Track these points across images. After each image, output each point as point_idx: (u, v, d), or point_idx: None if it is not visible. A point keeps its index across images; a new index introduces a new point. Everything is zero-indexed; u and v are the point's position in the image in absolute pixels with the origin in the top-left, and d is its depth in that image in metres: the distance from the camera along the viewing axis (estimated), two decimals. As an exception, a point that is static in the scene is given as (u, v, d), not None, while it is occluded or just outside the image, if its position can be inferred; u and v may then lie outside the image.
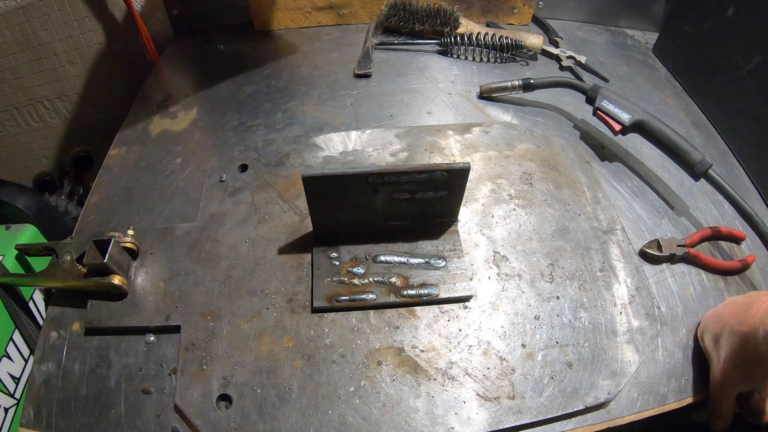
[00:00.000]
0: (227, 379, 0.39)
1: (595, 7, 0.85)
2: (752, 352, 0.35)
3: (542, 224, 0.50)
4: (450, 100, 0.66)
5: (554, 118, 0.65)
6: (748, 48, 0.61)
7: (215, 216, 0.50)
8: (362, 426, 0.37)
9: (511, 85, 0.65)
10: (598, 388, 0.39)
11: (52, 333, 0.43)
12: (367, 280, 0.44)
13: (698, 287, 0.48)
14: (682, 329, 0.44)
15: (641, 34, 0.86)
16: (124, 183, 0.55)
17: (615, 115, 0.56)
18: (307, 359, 0.40)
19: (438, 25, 0.75)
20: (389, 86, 0.68)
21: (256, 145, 0.57)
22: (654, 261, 0.49)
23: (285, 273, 0.46)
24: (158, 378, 0.40)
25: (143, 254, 0.46)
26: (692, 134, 0.65)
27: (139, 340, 0.42)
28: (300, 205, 0.51)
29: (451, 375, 0.40)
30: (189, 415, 0.37)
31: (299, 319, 0.43)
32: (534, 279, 0.46)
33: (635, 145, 0.60)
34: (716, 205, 0.55)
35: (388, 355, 0.41)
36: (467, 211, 0.51)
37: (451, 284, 0.44)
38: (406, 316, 0.43)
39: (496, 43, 0.72)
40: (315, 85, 0.69)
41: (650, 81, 0.74)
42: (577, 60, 0.75)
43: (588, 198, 0.53)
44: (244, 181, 0.53)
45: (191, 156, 0.58)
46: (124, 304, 0.43)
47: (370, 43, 0.74)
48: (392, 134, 0.58)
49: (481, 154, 0.57)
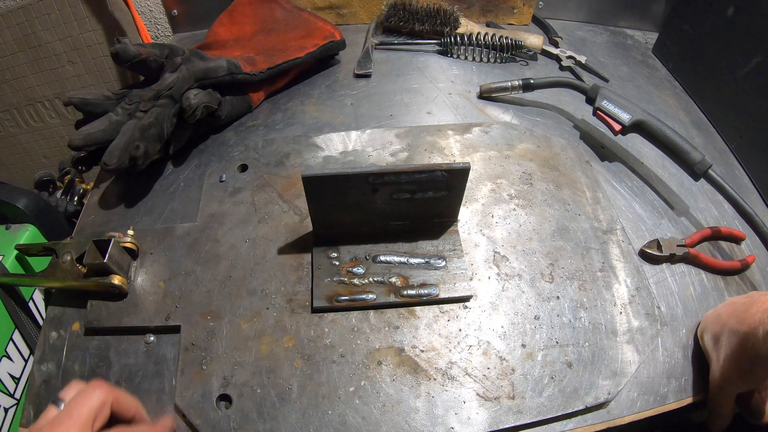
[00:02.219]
0: (227, 379, 0.39)
1: (595, 7, 0.85)
2: (752, 351, 0.35)
3: (542, 224, 0.50)
4: (450, 100, 0.66)
5: (554, 118, 0.65)
6: (748, 48, 0.61)
7: (215, 216, 0.50)
8: (362, 426, 0.37)
9: (511, 85, 0.65)
10: (598, 388, 0.39)
11: (52, 333, 0.43)
12: (367, 280, 0.45)
13: (698, 287, 0.48)
14: (682, 329, 0.44)
15: (641, 34, 0.86)
16: (124, 183, 0.55)
17: (615, 115, 0.56)
18: (307, 359, 0.40)
19: (438, 25, 0.75)
20: (389, 86, 0.68)
21: (256, 145, 0.57)
22: (654, 261, 0.49)
23: (285, 273, 0.46)
24: (158, 378, 0.40)
25: (143, 254, 0.46)
26: (692, 134, 0.65)
27: (139, 340, 0.42)
28: (300, 205, 0.51)
29: (451, 375, 0.40)
30: (189, 415, 0.37)
31: (299, 319, 0.43)
32: (534, 279, 0.46)
33: (635, 145, 0.60)
34: (716, 205, 0.55)
35: (388, 355, 0.41)
36: (467, 211, 0.51)
37: (451, 284, 0.44)
38: (406, 316, 0.43)
39: (496, 43, 0.72)
40: (315, 85, 0.69)
41: (650, 81, 0.74)
42: (577, 60, 0.75)
43: (588, 198, 0.53)
44: (244, 181, 0.53)
45: (191, 156, 0.58)
46: (124, 304, 0.43)
47: (370, 43, 0.74)
48: (392, 134, 0.58)
49: (481, 154, 0.57)
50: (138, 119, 0.51)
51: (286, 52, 0.65)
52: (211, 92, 0.56)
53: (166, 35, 0.93)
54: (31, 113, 0.97)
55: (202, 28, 0.80)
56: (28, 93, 0.94)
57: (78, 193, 0.77)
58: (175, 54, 0.57)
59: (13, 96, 0.94)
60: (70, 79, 0.92)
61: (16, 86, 0.93)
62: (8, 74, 0.91)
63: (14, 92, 0.94)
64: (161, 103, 0.52)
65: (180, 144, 0.56)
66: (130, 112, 0.52)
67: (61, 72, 0.91)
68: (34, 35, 0.87)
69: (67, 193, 0.77)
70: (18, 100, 0.95)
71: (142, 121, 0.50)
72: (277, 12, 0.73)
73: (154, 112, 0.51)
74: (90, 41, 0.88)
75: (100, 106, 0.53)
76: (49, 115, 0.97)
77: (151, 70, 0.55)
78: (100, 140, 0.50)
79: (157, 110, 0.51)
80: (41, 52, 0.89)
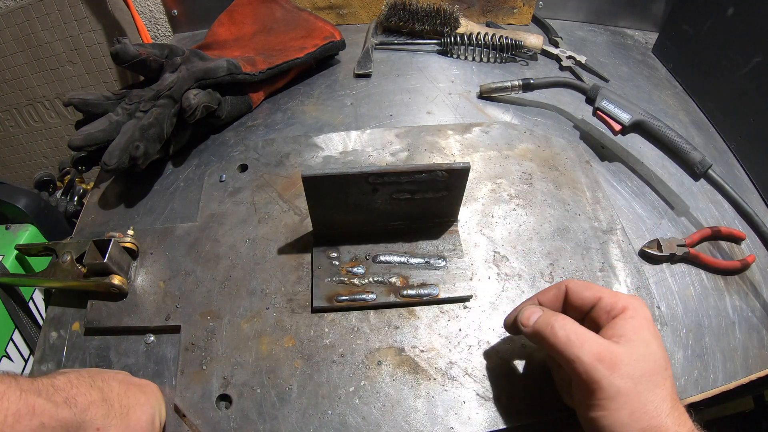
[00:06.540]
0: (227, 379, 0.39)
1: (595, 7, 0.85)
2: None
3: (542, 224, 0.50)
4: (450, 100, 0.66)
5: (554, 118, 0.65)
6: (748, 48, 0.61)
7: (215, 216, 0.50)
8: (362, 426, 0.37)
9: (511, 85, 0.65)
10: (598, 388, 0.39)
11: (52, 333, 0.43)
12: (367, 280, 0.45)
13: (698, 287, 0.48)
14: (682, 329, 0.44)
15: (641, 34, 0.86)
16: (124, 183, 0.55)
17: (615, 115, 0.56)
18: (306, 359, 0.40)
19: (438, 25, 0.75)
20: (389, 86, 0.68)
21: (256, 145, 0.57)
22: (654, 261, 0.49)
23: (285, 273, 0.46)
24: (158, 378, 0.40)
25: (143, 254, 0.46)
26: (692, 134, 0.65)
27: (139, 340, 0.42)
28: (300, 205, 0.51)
29: (451, 375, 0.40)
30: (189, 415, 0.37)
31: (299, 319, 0.43)
32: (534, 279, 0.46)
33: (635, 145, 0.60)
34: (716, 205, 0.55)
35: (388, 355, 0.41)
36: (467, 211, 0.51)
37: (451, 284, 0.44)
38: (406, 316, 0.43)
39: (496, 43, 0.72)
40: (315, 85, 0.69)
41: (650, 81, 0.74)
42: (577, 60, 0.75)
43: (588, 198, 0.53)
44: (244, 181, 0.53)
45: (191, 156, 0.58)
46: (124, 304, 0.43)
47: (370, 43, 0.74)
48: (392, 134, 0.58)
49: (481, 154, 0.57)
50: (138, 119, 0.51)
51: (286, 53, 0.65)
52: (211, 92, 0.56)
53: (166, 35, 0.93)
54: (31, 113, 0.97)
55: (202, 28, 0.80)
56: (28, 93, 0.94)
57: (78, 193, 0.77)
58: (175, 54, 0.57)
59: (13, 96, 0.94)
60: (70, 79, 0.92)
61: (16, 86, 0.93)
62: (8, 74, 0.91)
63: (14, 92, 0.94)
64: (161, 103, 0.52)
65: (180, 144, 0.56)
66: (130, 112, 0.52)
67: (61, 72, 0.91)
68: (34, 35, 0.87)
69: (67, 193, 0.77)
70: (18, 100, 0.95)
71: (142, 121, 0.50)
72: (277, 12, 0.73)
73: (154, 112, 0.51)
74: (90, 41, 0.88)
75: (100, 106, 0.53)
76: (49, 115, 0.97)
77: (151, 70, 0.56)
78: (100, 140, 0.50)
79: (157, 110, 0.51)
80: (41, 52, 0.89)
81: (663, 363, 0.31)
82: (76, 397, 0.30)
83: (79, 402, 0.30)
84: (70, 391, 0.31)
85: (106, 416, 0.31)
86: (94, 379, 0.33)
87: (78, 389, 0.31)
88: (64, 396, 0.30)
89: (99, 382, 0.33)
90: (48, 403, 0.28)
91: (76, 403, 0.30)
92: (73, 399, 0.30)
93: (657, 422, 0.29)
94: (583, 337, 0.31)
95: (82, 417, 0.30)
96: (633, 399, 0.29)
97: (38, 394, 0.28)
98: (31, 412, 0.27)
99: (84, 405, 0.31)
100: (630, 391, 0.29)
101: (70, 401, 0.30)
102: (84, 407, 0.30)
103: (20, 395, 0.27)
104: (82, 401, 0.31)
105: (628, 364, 0.30)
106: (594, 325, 0.34)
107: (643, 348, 0.31)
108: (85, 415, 0.30)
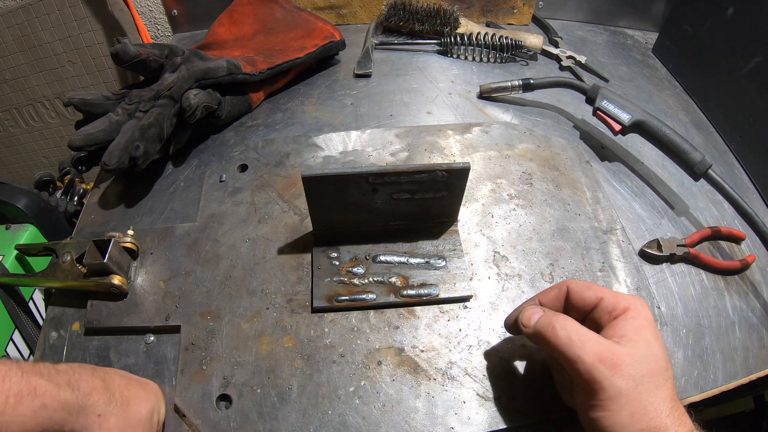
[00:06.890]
0: (227, 379, 0.39)
1: (595, 7, 0.85)
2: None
3: (542, 224, 0.50)
4: (450, 100, 0.66)
5: (554, 118, 0.65)
6: (748, 48, 0.61)
7: (215, 216, 0.50)
8: (362, 426, 0.37)
9: (511, 85, 0.65)
10: (598, 388, 0.39)
11: (52, 333, 0.43)
12: (367, 280, 0.45)
13: (698, 287, 0.48)
14: (683, 329, 0.44)
15: (641, 34, 0.86)
16: (124, 183, 0.55)
17: (615, 115, 0.56)
18: (307, 359, 0.40)
19: (438, 25, 0.75)
20: (389, 86, 0.68)
21: (256, 145, 0.57)
22: (654, 261, 0.49)
23: (285, 273, 0.46)
24: (158, 378, 0.40)
25: (143, 254, 0.46)
26: (692, 134, 0.65)
27: (139, 340, 0.42)
28: (300, 205, 0.51)
29: (451, 375, 0.40)
30: (189, 415, 0.37)
31: (299, 319, 0.43)
32: (534, 279, 0.46)
33: (635, 145, 0.60)
34: (716, 205, 0.55)
35: (388, 355, 0.41)
36: (467, 211, 0.51)
37: (451, 284, 0.44)
38: (406, 316, 0.43)
39: (496, 43, 0.72)
40: (315, 85, 0.69)
41: (650, 81, 0.74)
42: (577, 60, 0.75)
43: (588, 198, 0.53)
44: (244, 181, 0.53)
45: (191, 156, 0.58)
46: (124, 304, 0.43)
47: (370, 43, 0.74)
48: (392, 134, 0.58)
49: (481, 154, 0.57)
50: (138, 119, 0.51)
51: (286, 53, 0.65)
52: (211, 92, 0.56)
53: (166, 35, 0.93)
54: (31, 113, 0.97)
55: (202, 28, 0.80)
56: (28, 93, 0.94)
57: (78, 193, 0.77)
58: (175, 54, 0.57)
59: (13, 96, 0.94)
60: (70, 79, 0.92)
61: (16, 86, 0.93)
62: (8, 74, 0.91)
63: (14, 92, 0.94)
64: (161, 103, 0.52)
65: (180, 144, 0.56)
66: (130, 112, 0.52)
67: (61, 72, 0.91)
68: (34, 35, 0.87)
69: (67, 193, 0.77)
70: (18, 100, 0.95)
71: (142, 121, 0.50)
72: (277, 12, 0.73)
73: (154, 112, 0.51)
74: (90, 41, 0.88)
75: (100, 106, 0.53)
76: (49, 115, 0.97)
77: (151, 71, 0.56)
78: (100, 140, 0.50)
79: (157, 110, 0.51)
80: (41, 52, 0.89)
81: (664, 364, 0.31)
82: (79, 381, 0.31)
83: (82, 386, 0.30)
84: (72, 376, 0.31)
85: (108, 404, 0.32)
86: (96, 369, 0.33)
87: (80, 375, 0.31)
88: (67, 379, 0.30)
89: (101, 373, 0.33)
90: (50, 385, 0.28)
91: (78, 387, 0.30)
92: (75, 383, 0.30)
93: (657, 423, 0.29)
94: (584, 337, 0.31)
95: (84, 401, 0.30)
96: (634, 400, 0.29)
97: (40, 375, 0.28)
98: (33, 392, 0.27)
99: (86, 390, 0.31)
100: (631, 391, 0.29)
101: (73, 384, 0.30)
102: (86, 392, 0.30)
103: (22, 376, 0.27)
104: (84, 386, 0.31)
105: (629, 364, 0.30)
106: (595, 326, 0.34)
107: (645, 349, 0.31)
108: (87, 399, 0.30)
